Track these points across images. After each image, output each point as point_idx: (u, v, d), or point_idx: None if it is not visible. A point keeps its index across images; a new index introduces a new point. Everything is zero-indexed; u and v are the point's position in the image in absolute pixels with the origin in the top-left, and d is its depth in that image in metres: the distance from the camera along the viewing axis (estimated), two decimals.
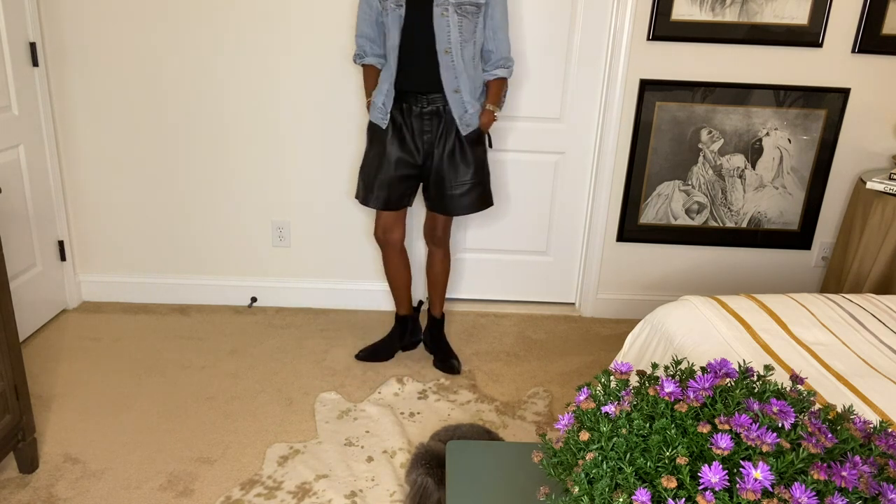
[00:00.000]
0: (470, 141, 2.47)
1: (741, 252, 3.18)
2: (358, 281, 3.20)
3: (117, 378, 2.58)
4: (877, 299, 2.01)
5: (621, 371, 1.06)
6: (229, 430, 2.32)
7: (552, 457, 1.02)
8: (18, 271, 2.77)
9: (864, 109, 2.95)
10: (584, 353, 2.91)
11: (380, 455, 2.22)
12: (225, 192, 3.06)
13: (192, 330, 2.97)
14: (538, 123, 3.03)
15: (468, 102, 2.41)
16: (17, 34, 2.67)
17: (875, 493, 0.85)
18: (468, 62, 2.38)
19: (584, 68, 2.95)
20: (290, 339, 2.92)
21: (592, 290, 3.22)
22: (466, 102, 2.41)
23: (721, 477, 0.83)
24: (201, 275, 3.19)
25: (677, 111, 2.94)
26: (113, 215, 3.09)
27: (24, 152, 2.76)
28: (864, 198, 2.84)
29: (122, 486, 2.04)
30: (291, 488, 2.06)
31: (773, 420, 0.92)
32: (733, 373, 1.03)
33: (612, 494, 0.88)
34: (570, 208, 3.16)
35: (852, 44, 2.85)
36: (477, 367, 2.77)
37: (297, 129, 2.97)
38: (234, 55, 2.86)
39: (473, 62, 2.40)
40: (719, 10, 2.79)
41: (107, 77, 2.88)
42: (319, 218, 3.11)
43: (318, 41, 2.85)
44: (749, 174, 3.04)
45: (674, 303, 1.99)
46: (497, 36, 2.42)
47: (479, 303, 3.32)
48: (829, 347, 1.74)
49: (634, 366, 1.70)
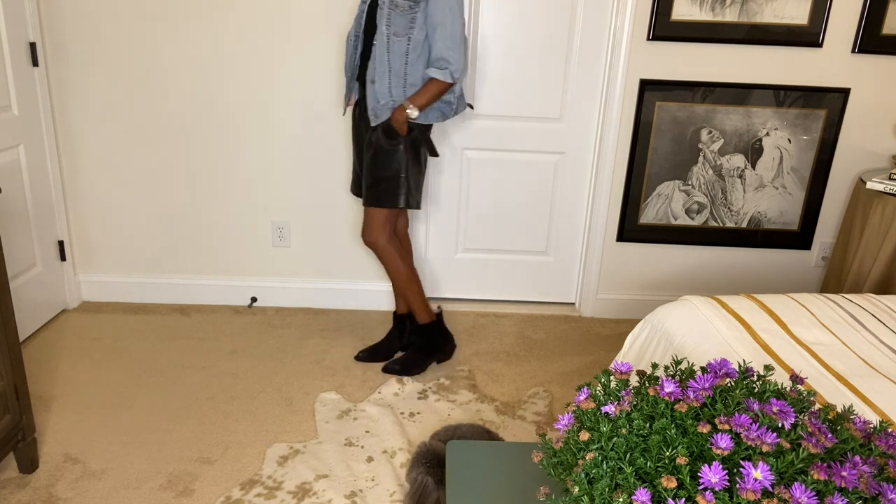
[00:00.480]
0: (379, 135, 2.44)
1: (741, 252, 3.18)
2: (358, 281, 3.20)
3: (117, 378, 2.58)
4: (877, 299, 2.01)
5: (621, 371, 1.06)
6: (229, 430, 2.32)
7: (552, 457, 1.02)
8: (18, 271, 2.77)
9: (864, 109, 2.95)
10: (584, 353, 2.91)
11: (380, 455, 2.22)
12: (225, 192, 3.06)
13: (192, 330, 2.97)
14: (538, 123, 3.03)
15: (381, 94, 2.39)
16: (17, 34, 2.67)
17: (875, 493, 0.85)
18: (396, 56, 2.36)
19: (584, 68, 2.95)
20: (290, 339, 2.92)
21: (592, 290, 3.22)
22: (379, 94, 2.39)
23: (721, 477, 0.83)
24: (201, 275, 3.19)
25: (677, 111, 2.94)
26: (113, 215, 3.09)
27: (24, 152, 2.76)
28: (864, 198, 2.84)
29: (122, 486, 2.04)
30: (291, 488, 2.06)
31: (773, 420, 0.92)
32: (733, 373, 1.03)
33: (612, 494, 0.88)
34: (570, 208, 3.16)
35: (852, 44, 2.85)
36: (477, 367, 2.76)
37: (298, 129, 2.97)
38: (234, 55, 2.86)
39: (406, 58, 2.37)
40: (719, 10, 2.79)
41: (107, 77, 2.88)
42: (320, 218, 3.11)
43: (319, 41, 2.85)
44: (749, 174, 3.04)
45: (674, 303, 1.99)
46: (435, 34, 2.35)
47: (479, 303, 3.32)
48: (829, 347, 1.74)
49: (634, 366, 1.70)
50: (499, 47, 2.91)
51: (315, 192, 3.07)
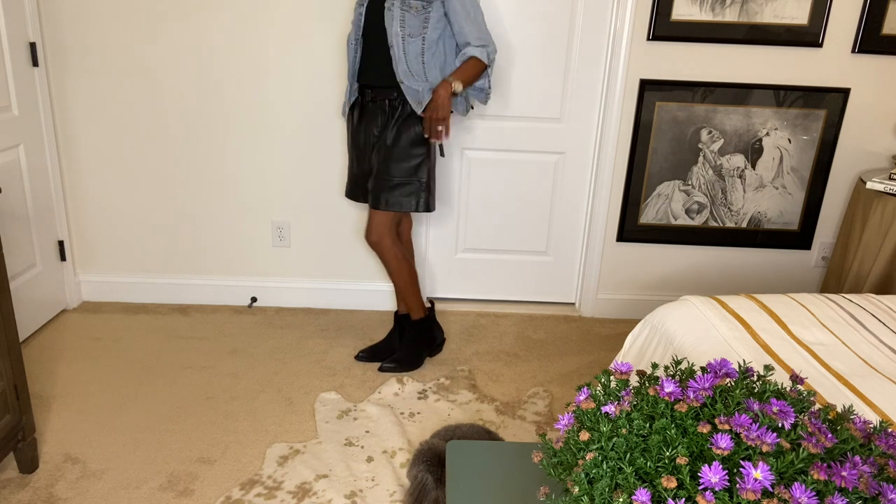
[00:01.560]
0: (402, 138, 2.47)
1: (741, 252, 3.18)
2: (358, 281, 3.20)
3: (117, 378, 2.58)
4: (877, 299, 2.01)
5: (621, 371, 1.06)
6: (229, 430, 2.32)
7: (552, 457, 1.02)
8: (18, 271, 2.77)
9: (864, 109, 2.95)
10: (584, 353, 2.91)
11: (380, 455, 2.22)
12: (225, 192, 3.06)
13: (192, 330, 2.97)
14: (538, 123, 3.03)
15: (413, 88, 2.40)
16: (17, 34, 2.67)
17: (875, 493, 0.85)
18: (413, 58, 2.38)
19: (584, 68, 2.95)
20: (290, 339, 2.92)
21: (592, 290, 3.22)
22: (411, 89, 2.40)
23: (721, 477, 0.83)
24: (201, 275, 3.19)
25: (677, 111, 2.94)
26: (113, 215, 3.09)
27: (24, 152, 2.76)
28: (864, 198, 2.84)
29: (122, 486, 2.04)
30: (291, 488, 2.06)
31: (773, 420, 0.92)
32: (733, 373, 1.03)
33: (612, 494, 0.88)
34: (570, 208, 3.16)
35: (852, 44, 2.85)
36: (477, 367, 2.76)
37: (298, 129, 2.97)
38: (234, 55, 2.86)
39: (422, 58, 2.39)
40: (719, 10, 2.79)
41: (107, 77, 2.88)
42: (319, 218, 3.11)
43: (319, 41, 2.85)
44: (749, 174, 3.04)
45: (674, 303, 1.99)
46: (463, 24, 2.39)
47: (479, 303, 3.32)
48: (829, 347, 1.74)
49: (634, 366, 1.70)
50: (499, 47, 2.91)
51: (315, 193, 3.07)
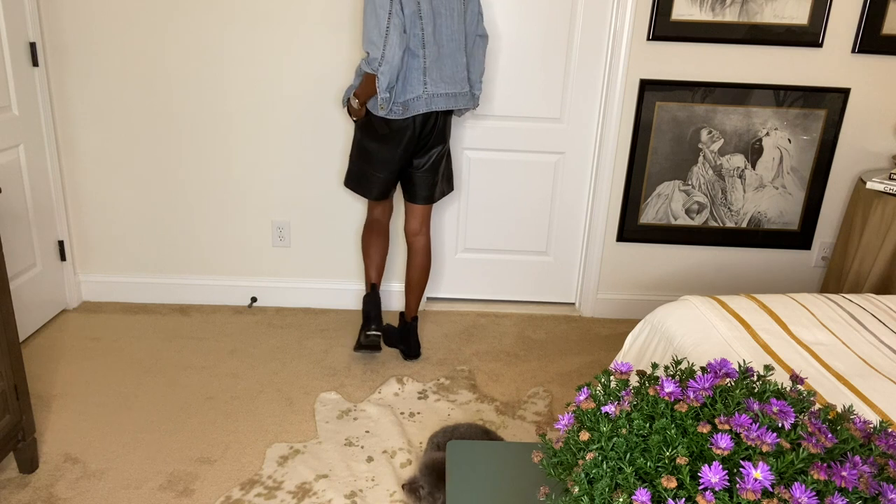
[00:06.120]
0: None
1: (741, 252, 3.18)
2: (358, 281, 3.20)
3: (117, 378, 2.58)
4: (877, 299, 2.01)
5: (621, 371, 1.06)
6: (229, 430, 2.32)
7: (552, 457, 1.02)
8: (18, 271, 2.77)
9: (864, 109, 2.95)
10: (584, 353, 2.91)
11: (380, 455, 2.22)
12: (225, 192, 3.06)
13: (192, 330, 2.96)
14: (538, 123, 3.03)
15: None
16: (17, 34, 2.67)
17: (875, 493, 0.85)
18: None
19: (584, 68, 2.95)
20: (290, 339, 2.92)
21: (592, 290, 3.22)
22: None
23: (721, 477, 0.83)
24: (201, 275, 3.19)
25: (677, 111, 2.94)
26: (113, 215, 3.09)
27: (24, 152, 2.76)
28: (864, 198, 2.84)
29: (122, 486, 2.04)
30: (291, 488, 2.06)
31: (773, 420, 0.92)
32: (733, 373, 1.03)
33: (612, 494, 0.88)
34: (570, 208, 3.16)
35: (852, 44, 2.85)
36: (477, 367, 2.76)
37: (298, 129, 2.97)
38: (234, 55, 2.86)
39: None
40: (719, 10, 2.79)
41: (107, 77, 2.88)
42: (319, 218, 3.11)
43: (319, 41, 2.85)
44: (749, 174, 3.04)
45: (674, 303, 1.99)
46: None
47: (478, 303, 3.32)
48: (829, 347, 1.74)
49: (634, 366, 1.70)
50: (499, 47, 2.91)
51: (315, 193, 3.07)
